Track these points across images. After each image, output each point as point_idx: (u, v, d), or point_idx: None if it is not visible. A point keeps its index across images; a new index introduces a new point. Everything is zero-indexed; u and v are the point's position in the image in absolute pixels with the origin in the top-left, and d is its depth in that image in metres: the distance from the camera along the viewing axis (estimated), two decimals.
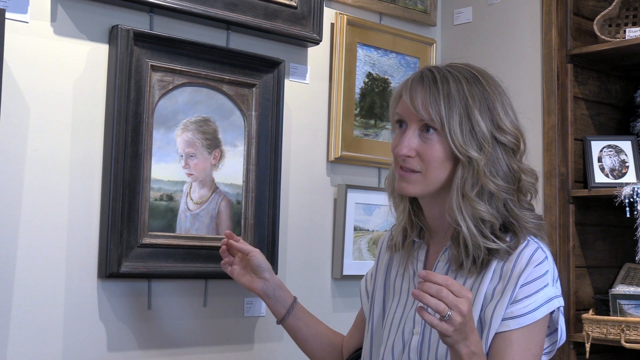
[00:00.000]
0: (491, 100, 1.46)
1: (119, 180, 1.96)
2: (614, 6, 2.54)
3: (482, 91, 1.45)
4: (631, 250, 2.43)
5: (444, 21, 2.88)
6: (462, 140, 1.41)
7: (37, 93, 1.90)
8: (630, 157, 2.53)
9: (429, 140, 1.44)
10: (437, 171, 1.45)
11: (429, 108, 1.43)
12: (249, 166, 2.23)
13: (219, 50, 2.17)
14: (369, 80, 2.59)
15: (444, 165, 1.44)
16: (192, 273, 2.09)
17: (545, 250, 1.45)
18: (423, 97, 1.44)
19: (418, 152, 1.45)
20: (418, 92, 1.44)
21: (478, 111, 1.43)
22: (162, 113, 2.07)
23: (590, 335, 2.35)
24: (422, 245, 1.57)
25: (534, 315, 1.40)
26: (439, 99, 1.42)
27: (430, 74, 1.46)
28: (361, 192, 2.52)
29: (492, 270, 1.44)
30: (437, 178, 1.45)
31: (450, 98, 1.42)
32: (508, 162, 1.46)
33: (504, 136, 1.45)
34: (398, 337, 1.52)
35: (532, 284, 1.40)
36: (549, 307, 1.42)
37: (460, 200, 1.43)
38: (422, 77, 1.47)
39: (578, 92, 2.56)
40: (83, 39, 1.98)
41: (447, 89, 1.43)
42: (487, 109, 1.44)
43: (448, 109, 1.42)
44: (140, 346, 2.05)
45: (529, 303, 1.40)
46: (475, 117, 1.42)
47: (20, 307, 1.85)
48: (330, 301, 2.48)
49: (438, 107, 1.42)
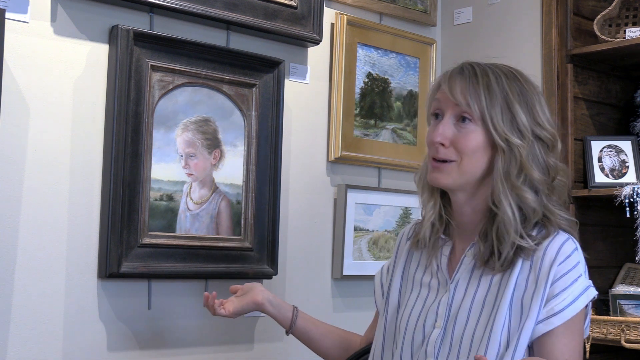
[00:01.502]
0: (530, 96, 1.47)
1: (119, 180, 1.96)
2: (614, 6, 2.54)
3: (520, 87, 1.47)
4: (631, 250, 2.43)
5: (444, 21, 2.88)
6: (504, 127, 1.42)
7: (37, 93, 1.90)
8: (630, 157, 2.53)
9: (464, 130, 1.44)
10: (472, 161, 1.44)
11: (467, 97, 1.43)
12: (249, 166, 2.23)
13: (219, 50, 2.17)
14: (369, 80, 2.59)
15: (479, 154, 1.44)
16: (192, 273, 2.09)
17: (575, 242, 1.45)
18: (462, 87, 1.44)
19: (452, 141, 1.45)
20: (457, 82, 1.45)
21: (518, 104, 1.44)
22: (162, 113, 2.07)
23: (590, 335, 2.35)
24: (448, 241, 1.56)
25: (576, 306, 1.39)
26: (478, 89, 1.43)
27: (471, 67, 1.47)
28: (361, 192, 2.52)
29: (520, 261, 1.43)
30: (472, 168, 1.45)
31: (490, 89, 1.44)
32: (545, 157, 1.46)
33: (543, 131, 1.46)
34: (418, 330, 1.50)
35: (566, 277, 1.40)
36: (588, 296, 1.41)
37: (505, 186, 1.42)
38: (462, 69, 1.48)
39: (578, 92, 2.56)
40: (83, 39, 1.98)
41: (487, 81, 1.44)
42: (525, 104, 1.45)
43: (489, 99, 1.43)
44: (140, 346, 2.05)
45: (567, 295, 1.39)
46: (515, 109, 1.43)
47: (20, 307, 1.85)
48: (330, 301, 2.48)
49: (478, 96, 1.43)
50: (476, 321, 1.43)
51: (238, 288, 1.85)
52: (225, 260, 2.16)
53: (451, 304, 1.47)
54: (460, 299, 1.47)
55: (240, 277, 2.20)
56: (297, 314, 1.79)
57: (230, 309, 1.79)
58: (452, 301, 1.47)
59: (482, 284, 1.45)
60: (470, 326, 1.43)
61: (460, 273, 1.49)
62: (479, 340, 1.41)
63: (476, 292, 1.45)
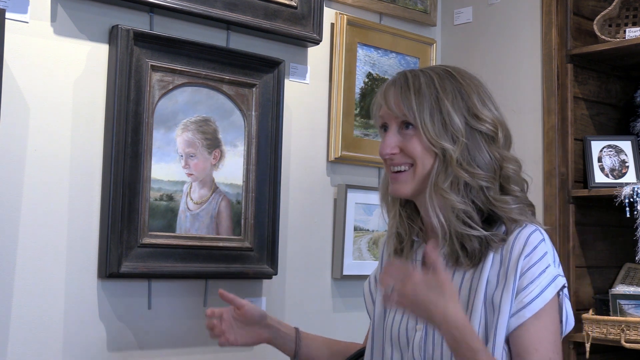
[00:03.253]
0: (465, 91, 1.49)
1: (119, 180, 1.96)
2: (614, 6, 2.54)
3: (454, 84, 1.49)
4: (631, 250, 2.43)
5: (444, 21, 2.88)
6: (434, 133, 1.45)
7: (37, 93, 1.90)
8: (630, 157, 2.53)
9: (408, 136, 1.48)
10: (423, 164, 1.47)
11: (400, 104, 1.47)
12: (249, 166, 2.23)
13: (219, 50, 2.17)
14: (369, 80, 2.59)
15: (427, 157, 1.47)
16: (192, 273, 2.09)
17: (542, 233, 1.46)
18: (395, 96, 1.49)
19: (401, 148, 1.49)
20: (391, 93, 1.50)
21: (450, 103, 1.46)
22: (162, 113, 2.07)
23: (590, 335, 2.35)
24: (422, 244, 1.58)
25: (545, 297, 1.40)
26: (409, 94, 1.47)
27: (402, 76, 1.52)
28: (361, 192, 2.52)
29: (490, 257, 1.45)
30: (424, 171, 1.48)
31: (420, 93, 1.47)
32: (489, 150, 1.48)
33: (482, 124, 1.47)
34: (402, 334, 1.53)
35: (534, 268, 1.41)
36: (557, 285, 1.42)
37: (432, 192, 1.46)
38: (394, 80, 1.53)
39: (578, 92, 2.56)
40: (83, 39, 1.98)
41: (418, 85, 1.48)
42: (460, 99, 1.48)
43: (418, 103, 1.46)
44: (140, 346, 2.05)
45: (535, 287, 1.40)
46: (446, 108, 1.46)
47: (20, 307, 1.85)
48: (330, 301, 2.48)
49: (409, 102, 1.47)
50: None
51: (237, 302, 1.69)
52: (225, 260, 2.16)
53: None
54: None
55: (240, 277, 2.20)
56: (300, 343, 1.73)
57: (236, 341, 1.69)
58: None
59: (455, 283, 1.47)
60: None
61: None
62: None
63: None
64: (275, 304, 2.33)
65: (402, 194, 1.51)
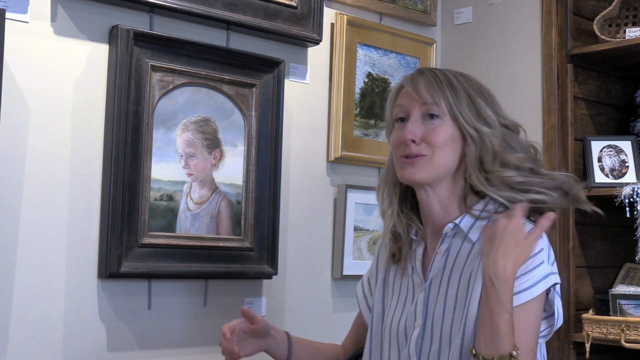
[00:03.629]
0: (486, 93, 1.54)
1: (119, 180, 1.96)
2: (614, 6, 2.54)
3: (478, 85, 1.54)
4: (631, 250, 2.43)
5: (444, 21, 2.88)
6: (472, 119, 1.48)
7: (37, 93, 1.90)
8: (630, 157, 2.53)
9: (432, 125, 1.48)
10: (443, 153, 1.48)
11: (433, 94, 1.48)
12: (249, 166, 2.23)
13: (219, 50, 2.17)
14: (369, 80, 2.59)
15: (450, 147, 1.48)
16: (192, 273, 2.09)
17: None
18: (426, 85, 1.50)
19: (423, 137, 1.48)
20: (421, 82, 1.50)
21: (480, 98, 1.50)
22: (162, 113, 2.07)
23: (590, 335, 2.35)
24: (420, 242, 1.58)
25: (532, 292, 1.41)
26: (442, 87, 1.49)
27: (429, 70, 1.54)
28: (361, 192, 2.52)
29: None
30: (444, 161, 1.48)
31: (453, 86, 1.49)
32: (517, 139, 1.53)
33: (506, 120, 1.52)
34: (401, 332, 1.54)
35: (527, 262, 1.42)
36: (547, 283, 1.43)
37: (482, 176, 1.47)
38: (421, 72, 1.54)
39: (578, 92, 2.56)
40: (83, 39, 1.98)
41: (449, 80, 1.50)
42: (485, 99, 1.52)
43: (454, 94, 1.48)
44: (140, 346, 2.05)
45: (525, 280, 1.41)
46: (478, 103, 1.49)
47: (20, 307, 1.85)
48: (330, 301, 2.48)
49: (443, 93, 1.48)
50: (452, 315, 1.46)
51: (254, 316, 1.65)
52: (225, 260, 2.16)
53: (427, 302, 1.50)
54: (435, 297, 1.50)
55: (240, 277, 2.20)
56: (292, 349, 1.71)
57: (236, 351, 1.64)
58: (428, 299, 1.51)
59: (454, 279, 1.48)
60: (447, 321, 1.46)
61: (433, 271, 1.52)
62: (456, 333, 1.44)
63: (448, 287, 1.49)
64: (275, 304, 2.33)
65: (417, 179, 1.49)
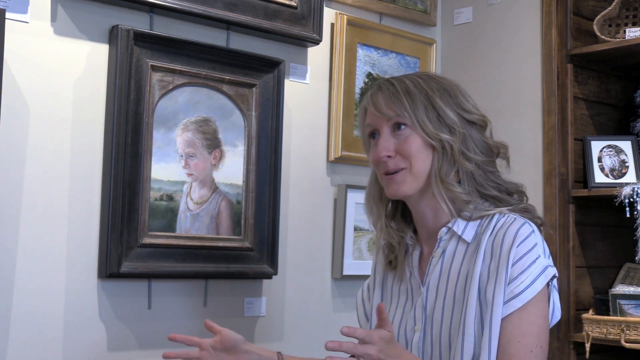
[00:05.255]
0: (450, 88, 1.53)
1: (119, 180, 1.96)
2: (614, 6, 2.54)
3: (438, 83, 1.53)
4: (631, 250, 2.43)
5: (444, 21, 2.88)
6: (431, 127, 1.48)
7: (37, 93, 1.90)
8: (630, 157, 2.53)
9: (402, 136, 1.50)
10: (420, 162, 1.49)
11: (392, 106, 1.49)
12: (249, 166, 2.23)
13: (219, 50, 2.17)
14: (369, 80, 2.59)
15: (424, 155, 1.49)
16: (192, 273, 2.09)
17: (531, 225, 1.48)
18: (385, 99, 1.51)
19: (397, 150, 1.50)
20: (379, 98, 1.52)
21: (440, 99, 1.50)
22: (162, 113, 2.07)
23: (590, 335, 2.35)
24: (417, 246, 1.58)
25: (535, 287, 1.41)
26: (399, 96, 1.50)
27: (386, 81, 1.54)
28: (361, 192, 2.47)
29: (482, 251, 1.46)
30: (422, 170, 1.49)
31: (410, 93, 1.49)
32: (482, 138, 1.53)
33: (472, 115, 1.52)
34: (401, 337, 1.54)
35: (525, 258, 1.42)
36: (547, 276, 1.43)
37: (440, 186, 1.48)
38: (379, 86, 1.54)
39: (578, 92, 2.56)
40: (83, 39, 1.98)
41: (405, 87, 1.51)
42: (448, 95, 1.51)
43: (411, 101, 1.48)
44: (140, 346, 2.05)
45: (525, 277, 1.41)
46: (438, 105, 1.49)
47: (20, 307, 1.85)
48: (330, 301, 2.48)
49: (401, 102, 1.49)
50: (450, 318, 1.46)
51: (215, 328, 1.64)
52: (225, 260, 2.16)
53: (426, 305, 1.51)
54: (433, 300, 1.51)
55: (240, 277, 2.20)
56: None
57: None
58: (427, 303, 1.51)
59: (451, 281, 1.49)
60: (446, 323, 1.47)
61: (430, 274, 1.53)
62: (455, 335, 1.44)
63: (446, 290, 1.49)
64: (275, 304, 2.33)
65: (401, 194, 1.51)
